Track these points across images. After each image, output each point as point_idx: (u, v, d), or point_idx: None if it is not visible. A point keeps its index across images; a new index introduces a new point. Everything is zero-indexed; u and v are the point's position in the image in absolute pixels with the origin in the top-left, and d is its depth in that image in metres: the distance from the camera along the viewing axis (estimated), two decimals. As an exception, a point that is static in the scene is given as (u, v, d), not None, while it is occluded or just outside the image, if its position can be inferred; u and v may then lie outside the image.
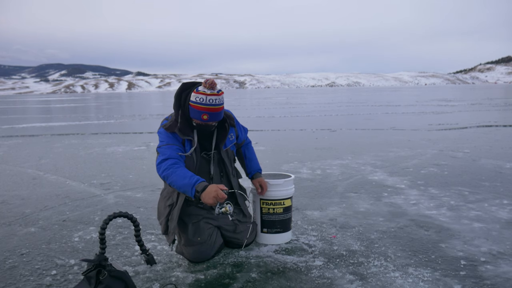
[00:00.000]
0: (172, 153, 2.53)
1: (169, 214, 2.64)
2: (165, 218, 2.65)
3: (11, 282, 2.42)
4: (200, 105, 2.49)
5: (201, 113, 2.50)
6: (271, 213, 2.86)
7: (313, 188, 4.45)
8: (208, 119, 2.53)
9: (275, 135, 9.78)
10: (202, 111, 2.50)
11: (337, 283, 2.31)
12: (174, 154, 2.53)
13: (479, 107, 18.16)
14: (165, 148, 2.55)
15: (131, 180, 5.08)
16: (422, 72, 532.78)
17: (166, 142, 2.57)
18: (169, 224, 2.64)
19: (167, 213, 2.65)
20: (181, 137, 2.57)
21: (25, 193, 4.53)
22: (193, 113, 2.53)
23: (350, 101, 28.60)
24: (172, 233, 2.63)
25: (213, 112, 2.51)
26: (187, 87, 2.61)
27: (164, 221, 2.66)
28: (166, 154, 2.52)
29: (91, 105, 35.09)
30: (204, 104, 2.48)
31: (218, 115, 2.56)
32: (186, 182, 2.39)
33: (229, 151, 2.79)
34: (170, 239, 2.67)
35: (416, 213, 3.53)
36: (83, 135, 10.48)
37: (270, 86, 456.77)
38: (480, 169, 5.21)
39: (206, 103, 2.48)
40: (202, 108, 2.49)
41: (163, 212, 2.71)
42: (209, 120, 2.53)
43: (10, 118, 18.81)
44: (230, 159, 2.81)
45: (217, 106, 2.51)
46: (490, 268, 2.45)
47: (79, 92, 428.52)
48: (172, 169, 2.46)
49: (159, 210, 2.77)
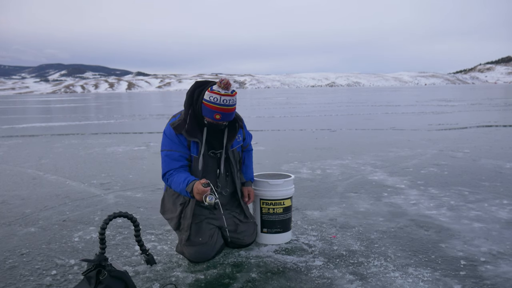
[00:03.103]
0: (172, 163, 2.60)
1: (182, 212, 2.67)
2: (177, 216, 2.67)
3: (11, 282, 2.42)
4: (213, 104, 2.49)
5: (214, 112, 2.51)
6: (271, 213, 2.86)
7: (313, 188, 4.45)
8: (220, 119, 2.54)
9: (275, 135, 9.78)
10: (215, 111, 2.50)
11: (337, 283, 2.31)
12: (174, 164, 2.60)
13: (479, 107, 18.16)
14: (167, 155, 2.61)
15: (131, 180, 5.08)
16: (422, 72, 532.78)
17: (169, 147, 2.61)
18: (181, 221, 2.67)
19: (180, 211, 2.67)
20: (188, 138, 2.58)
21: (25, 193, 4.53)
22: (206, 111, 2.54)
23: (350, 101, 28.60)
24: (186, 230, 2.64)
25: (226, 112, 2.52)
26: (201, 84, 2.62)
27: (176, 219, 2.68)
28: (166, 164, 2.61)
29: (91, 105, 35.09)
30: (217, 104, 2.48)
31: (230, 115, 2.57)
32: (181, 188, 2.49)
33: (235, 151, 2.80)
34: (185, 235, 2.65)
35: (416, 213, 3.53)
36: (83, 135, 10.48)
37: (270, 86, 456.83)
38: (480, 169, 5.21)
39: (220, 103, 2.48)
40: (215, 108, 2.50)
41: (172, 209, 2.72)
42: (221, 119, 2.55)
43: (10, 118, 18.81)
44: (236, 159, 2.81)
45: (230, 107, 2.52)
46: (490, 268, 2.45)
47: (79, 92, 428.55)
48: (170, 179, 2.57)
49: (165, 205, 2.79)
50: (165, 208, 2.80)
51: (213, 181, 2.66)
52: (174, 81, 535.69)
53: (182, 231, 2.68)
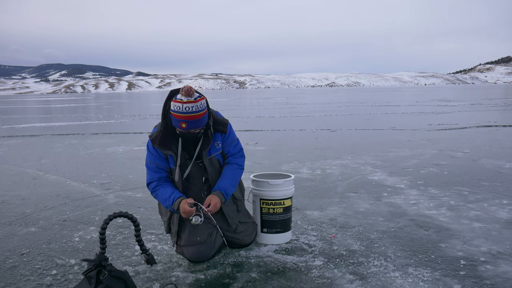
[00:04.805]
0: (153, 174, 2.66)
1: (170, 218, 2.70)
2: (168, 220, 2.72)
3: (11, 282, 2.43)
4: (177, 113, 2.43)
5: (179, 121, 2.45)
6: (271, 213, 2.86)
7: (313, 188, 4.46)
8: (186, 127, 2.46)
9: (275, 135, 9.78)
10: (180, 119, 2.43)
11: (337, 283, 2.31)
12: (154, 176, 2.65)
13: (479, 107, 18.16)
14: (148, 167, 2.68)
15: (131, 180, 5.08)
16: (421, 72, 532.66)
17: (149, 160, 2.67)
18: (171, 226, 2.71)
19: (169, 216, 2.70)
20: (162, 151, 2.58)
21: (25, 193, 4.54)
22: (174, 121, 2.50)
23: (350, 101, 28.60)
24: (174, 235, 2.69)
25: (190, 120, 2.43)
26: (172, 95, 2.54)
27: (167, 223, 2.73)
28: (149, 176, 2.68)
29: (91, 105, 35.09)
30: (181, 112, 2.41)
31: (196, 123, 2.46)
32: (167, 204, 2.56)
33: (214, 159, 2.69)
34: (173, 239, 2.72)
35: (416, 213, 3.53)
36: (83, 135, 10.49)
37: (270, 86, 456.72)
38: (480, 169, 5.21)
39: (182, 111, 2.41)
40: (179, 117, 2.43)
41: (164, 212, 2.76)
42: (188, 128, 2.47)
43: (10, 118, 18.81)
44: (215, 167, 2.70)
45: (194, 114, 2.42)
46: (489, 268, 2.46)
47: (79, 92, 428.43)
48: (155, 193, 2.64)
49: (160, 208, 2.81)
50: (160, 210, 2.82)
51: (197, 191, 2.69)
52: (174, 81, 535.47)
53: (171, 236, 2.74)
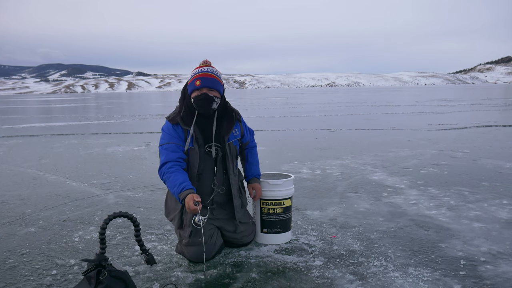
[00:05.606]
0: (170, 154, 2.55)
1: (183, 209, 2.62)
2: (179, 212, 2.64)
3: (11, 282, 2.43)
4: (194, 75, 2.61)
5: (194, 80, 2.58)
6: (271, 213, 2.86)
7: (313, 188, 4.46)
8: (201, 84, 2.55)
9: (275, 135, 9.78)
10: (195, 79, 2.58)
11: (337, 283, 2.31)
12: (172, 156, 2.55)
13: (479, 107, 18.16)
14: (165, 148, 2.58)
15: (131, 180, 5.08)
16: (422, 72, 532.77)
17: (167, 140, 2.59)
18: (184, 217, 2.63)
19: (182, 207, 2.62)
20: (183, 127, 2.58)
21: (25, 193, 4.54)
22: (190, 87, 2.62)
23: (350, 101, 28.60)
24: (188, 226, 2.60)
25: (205, 77, 2.57)
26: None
27: (179, 215, 2.65)
28: (164, 156, 2.56)
29: (91, 105, 35.10)
30: (197, 72, 2.60)
31: (210, 81, 2.58)
32: (175, 191, 2.45)
33: (232, 146, 2.72)
34: (186, 232, 2.62)
35: (416, 213, 3.53)
36: (83, 135, 10.49)
37: (270, 86, 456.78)
38: (480, 169, 5.21)
39: (198, 71, 2.60)
40: (195, 77, 2.59)
41: (175, 207, 2.69)
42: (202, 85, 2.56)
43: (10, 118, 18.81)
44: (232, 155, 2.74)
45: (209, 73, 2.59)
46: (489, 268, 2.46)
47: (79, 92, 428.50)
48: (167, 175, 2.51)
49: (168, 206, 2.76)
50: (169, 209, 2.76)
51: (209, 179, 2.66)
52: (174, 81, 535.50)
53: (184, 228, 2.65)
